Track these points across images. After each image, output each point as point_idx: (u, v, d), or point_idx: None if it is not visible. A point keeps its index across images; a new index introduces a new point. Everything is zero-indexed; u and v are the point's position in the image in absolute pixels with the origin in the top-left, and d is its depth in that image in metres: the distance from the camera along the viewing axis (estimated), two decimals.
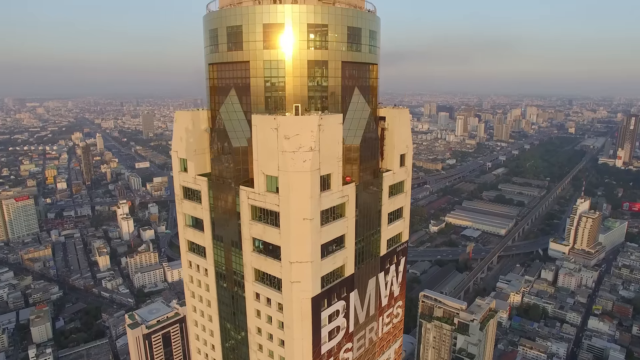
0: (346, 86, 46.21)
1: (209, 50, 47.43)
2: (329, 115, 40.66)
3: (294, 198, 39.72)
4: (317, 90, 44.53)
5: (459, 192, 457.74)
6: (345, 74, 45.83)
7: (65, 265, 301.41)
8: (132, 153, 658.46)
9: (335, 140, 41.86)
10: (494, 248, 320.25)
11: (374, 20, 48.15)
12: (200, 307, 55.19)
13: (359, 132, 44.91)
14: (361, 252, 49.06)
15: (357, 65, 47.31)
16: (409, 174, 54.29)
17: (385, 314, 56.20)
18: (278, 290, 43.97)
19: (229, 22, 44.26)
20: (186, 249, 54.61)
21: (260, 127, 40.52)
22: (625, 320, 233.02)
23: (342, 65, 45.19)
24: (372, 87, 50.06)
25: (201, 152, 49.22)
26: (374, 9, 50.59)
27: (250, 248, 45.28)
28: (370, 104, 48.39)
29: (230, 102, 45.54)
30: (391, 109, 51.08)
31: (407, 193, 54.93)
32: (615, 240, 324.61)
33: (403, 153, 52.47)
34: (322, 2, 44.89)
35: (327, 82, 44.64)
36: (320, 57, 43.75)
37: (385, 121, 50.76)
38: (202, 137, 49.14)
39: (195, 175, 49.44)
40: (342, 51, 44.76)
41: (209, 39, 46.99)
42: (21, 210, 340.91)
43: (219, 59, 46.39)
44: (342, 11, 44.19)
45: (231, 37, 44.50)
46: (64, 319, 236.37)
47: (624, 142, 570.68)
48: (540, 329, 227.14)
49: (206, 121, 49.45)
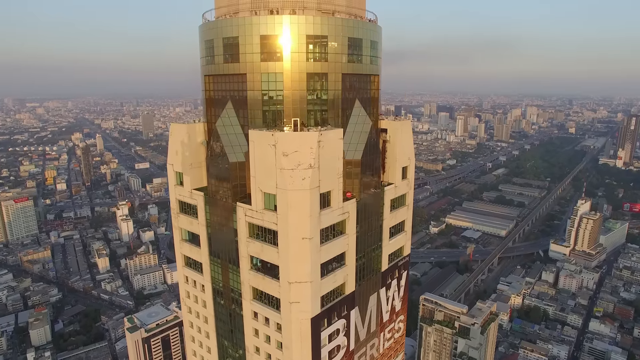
0: (346, 98, 44.88)
1: (205, 62, 46.08)
2: (329, 131, 39.38)
3: (293, 217, 38.47)
4: (316, 104, 43.19)
5: (459, 193, 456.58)
6: (346, 86, 44.50)
7: (65, 267, 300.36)
8: (132, 153, 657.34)
9: (336, 156, 40.58)
10: (495, 249, 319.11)
11: (375, 30, 46.84)
12: (197, 324, 53.99)
13: (360, 146, 43.62)
14: (362, 269, 47.83)
15: (358, 76, 45.98)
16: (411, 186, 53.06)
17: (386, 330, 55.03)
18: (276, 310, 42.76)
19: (225, 33, 42.95)
20: (182, 263, 53.38)
21: (257, 142, 39.23)
22: (627, 322, 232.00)
23: (343, 77, 43.85)
24: (374, 99, 48.70)
25: (197, 165, 47.95)
26: (375, 18, 49.28)
27: (248, 266, 44.06)
28: (371, 116, 47.10)
29: (226, 115, 44.22)
30: (393, 121, 49.84)
31: (409, 206, 53.66)
32: (616, 241, 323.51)
33: (405, 165, 51.22)
34: (321, 12, 43.59)
35: (327, 95, 43.29)
36: (320, 70, 42.41)
37: (387, 133, 49.47)
38: (198, 150, 47.87)
39: (192, 190, 48.18)
40: (342, 63, 43.43)
41: (205, 50, 45.66)
42: (20, 212, 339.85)
43: (215, 71, 45.05)
44: (342, 22, 42.88)
45: (227, 49, 43.18)
46: (63, 321, 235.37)
47: (624, 143, 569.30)
48: (541, 332, 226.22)
49: (202, 134, 48.17)
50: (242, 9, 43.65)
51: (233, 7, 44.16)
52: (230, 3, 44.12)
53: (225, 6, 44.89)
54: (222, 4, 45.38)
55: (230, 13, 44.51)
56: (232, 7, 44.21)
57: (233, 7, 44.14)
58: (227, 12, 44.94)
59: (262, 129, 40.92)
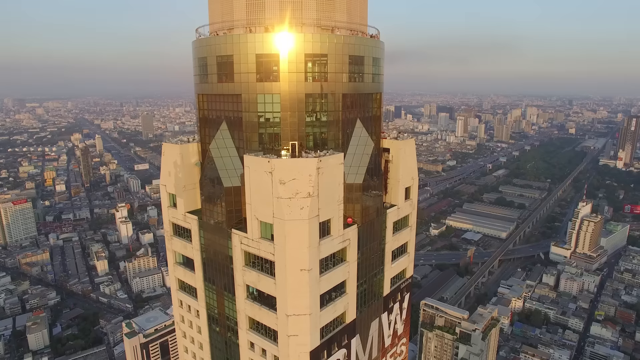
0: (347, 119, 42.81)
1: (199, 80, 44.02)
2: (328, 157, 37.41)
3: (291, 248, 36.58)
4: (315, 126, 41.15)
5: (459, 194, 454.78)
6: (347, 105, 42.42)
7: (63, 270, 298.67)
8: (132, 154, 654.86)
9: (336, 182, 38.63)
10: (495, 252, 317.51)
11: (378, 47, 44.90)
12: (192, 349, 52.17)
13: (362, 169, 41.52)
14: (363, 295, 45.95)
15: (360, 95, 44.02)
16: (414, 206, 51.16)
17: (388, 355, 53.27)
18: (274, 341, 40.87)
19: (219, 51, 40.99)
20: (176, 287, 51.51)
21: (253, 169, 37.26)
22: (628, 326, 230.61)
23: (343, 97, 41.88)
24: (375, 117, 46.64)
25: (192, 187, 45.89)
26: (377, 32, 47.34)
27: (244, 295, 42.16)
28: (373, 136, 45.12)
29: (221, 137, 42.15)
30: (396, 141, 47.62)
31: (412, 227, 51.76)
32: (617, 243, 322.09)
33: (408, 186, 49.31)
34: (320, 28, 41.63)
35: (327, 116, 41.24)
36: (319, 90, 40.42)
37: (390, 153, 47.44)
38: (192, 171, 45.85)
39: (185, 213, 46.21)
40: (342, 82, 41.40)
41: (198, 68, 43.61)
42: (19, 214, 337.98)
43: (208, 90, 43.02)
44: (343, 39, 40.91)
45: (221, 67, 41.17)
46: (61, 325, 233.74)
47: (624, 144, 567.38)
48: (542, 336, 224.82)
49: (197, 154, 46.09)
50: (237, 25, 41.66)
51: (227, 23, 42.13)
52: (224, 19, 42.12)
53: (219, 22, 42.85)
54: (216, 19, 43.29)
55: (224, 29, 42.54)
56: (227, 23, 42.19)
57: (227, 23, 42.12)
58: (221, 27, 42.96)
59: (258, 152, 39.04)
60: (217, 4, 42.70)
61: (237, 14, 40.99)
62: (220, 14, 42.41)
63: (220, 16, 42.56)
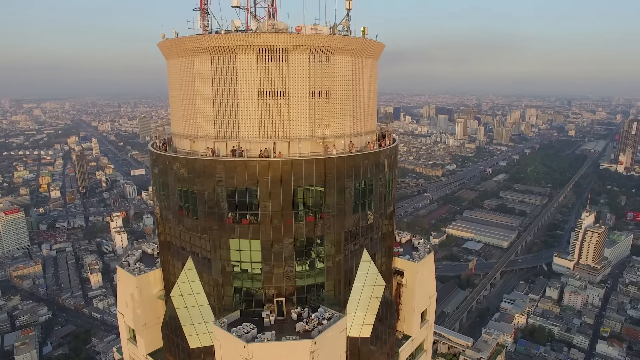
0: (350, 253, 34.44)
1: (158, 202, 37.28)
2: (326, 332, 29.79)
3: None
4: (309, 276, 33.11)
5: (459, 201, 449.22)
6: (349, 239, 34.29)
7: (56, 283, 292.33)
8: (129, 158, 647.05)
9: (337, 354, 31.36)
10: (497, 263, 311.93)
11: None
12: None
13: (369, 318, 33.47)
14: None
15: (365, 227, 35.62)
16: (430, 327, 43.42)
17: None
18: None
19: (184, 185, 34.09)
20: None
21: (224, 346, 29.43)
22: (635, 344, 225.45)
23: (345, 234, 34.24)
24: (388, 234, 38.28)
25: (155, 322, 37.31)
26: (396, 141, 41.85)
27: None
28: (383, 258, 37.35)
29: (185, 279, 33.70)
30: (411, 262, 39.17)
31: (427, 351, 43.99)
32: (621, 253, 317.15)
33: (425, 308, 41.76)
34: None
35: (324, 250, 33.44)
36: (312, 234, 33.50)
37: (404, 277, 39.54)
38: (154, 305, 37.69)
39: (147, 355, 37.92)
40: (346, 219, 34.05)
41: (159, 190, 37.14)
42: (11, 224, 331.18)
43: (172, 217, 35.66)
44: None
45: (186, 200, 34.36)
46: (51, 343, 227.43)
47: (625, 147, 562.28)
48: (547, 354, 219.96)
49: (160, 284, 37.82)
50: (201, 149, 33.88)
51: (193, 141, 34.85)
52: (188, 134, 34.89)
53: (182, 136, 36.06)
54: (178, 130, 36.78)
55: (189, 150, 35.37)
56: (193, 144, 34.98)
57: (194, 144, 34.91)
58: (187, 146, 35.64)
59: (232, 316, 31.33)
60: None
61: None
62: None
63: (182, 129, 35.88)
